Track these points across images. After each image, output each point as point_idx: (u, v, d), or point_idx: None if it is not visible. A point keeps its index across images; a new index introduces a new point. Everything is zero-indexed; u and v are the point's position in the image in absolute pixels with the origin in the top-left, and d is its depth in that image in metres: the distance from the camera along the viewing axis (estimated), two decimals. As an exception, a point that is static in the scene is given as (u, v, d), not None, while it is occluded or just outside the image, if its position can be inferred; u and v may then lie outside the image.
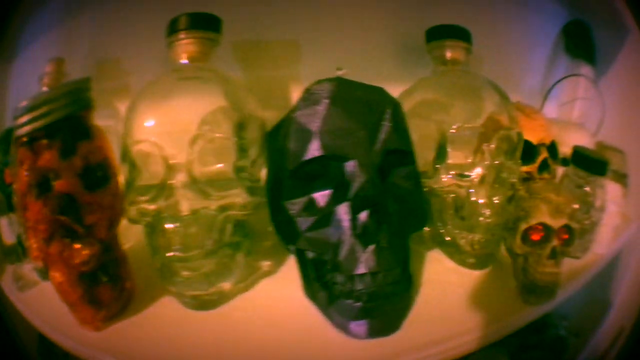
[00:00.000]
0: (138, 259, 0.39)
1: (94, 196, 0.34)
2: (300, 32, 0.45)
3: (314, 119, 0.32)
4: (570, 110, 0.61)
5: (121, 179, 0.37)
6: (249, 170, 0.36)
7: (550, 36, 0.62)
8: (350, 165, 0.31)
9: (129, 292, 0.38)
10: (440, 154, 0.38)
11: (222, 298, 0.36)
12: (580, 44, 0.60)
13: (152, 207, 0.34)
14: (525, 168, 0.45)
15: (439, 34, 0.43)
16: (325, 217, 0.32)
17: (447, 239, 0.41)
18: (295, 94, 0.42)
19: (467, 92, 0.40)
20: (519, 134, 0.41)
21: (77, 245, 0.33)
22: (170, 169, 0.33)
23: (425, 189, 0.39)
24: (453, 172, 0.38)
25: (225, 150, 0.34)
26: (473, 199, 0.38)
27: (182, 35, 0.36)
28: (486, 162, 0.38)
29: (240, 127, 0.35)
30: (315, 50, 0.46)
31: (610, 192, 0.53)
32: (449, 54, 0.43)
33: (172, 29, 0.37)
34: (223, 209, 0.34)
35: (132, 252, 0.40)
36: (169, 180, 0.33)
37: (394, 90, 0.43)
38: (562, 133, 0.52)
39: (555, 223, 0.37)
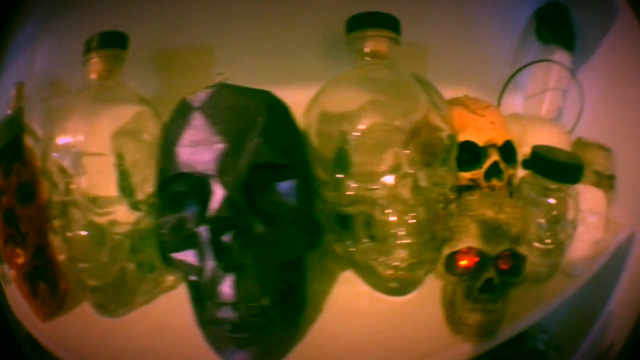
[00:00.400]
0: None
1: (26, 209, 0.34)
2: (214, 35, 0.35)
3: (179, 131, 0.24)
4: (539, 103, 0.42)
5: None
6: (137, 187, 0.30)
7: (519, 21, 0.44)
8: (211, 183, 0.23)
9: (63, 293, 0.36)
10: (341, 161, 0.26)
11: (123, 308, 0.31)
12: (555, 28, 0.42)
13: (57, 222, 0.31)
14: (467, 175, 0.31)
15: (359, 23, 0.30)
16: (190, 238, 0.24)
17: (359, 259, 0.28)
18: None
19: (386, 89, 0.27)
20: (451, 136, 0.28)
21: (17, 250, 0.33)
22: (66, 186, 0.30)
23: (327, 203, 0.27)
24: (358, 183, 0.26)
25: (110, 170, 0.29)
26: (385, 214, 0.25)
27: (92, 54, 0.32)
28: (400, 171, 0.25)
29: (126, 147, 0.30)
30: (230, 54, 0.35)
31: (589, 200, 0.36)
32: (369, 46, 0.29)
33: (85, 48, 0.33)
34: (111, 224, 0.30)
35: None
36: (66, 197, 0.30)
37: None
38: (527, 130, 0.37)
39: (492, 248, 0.24)
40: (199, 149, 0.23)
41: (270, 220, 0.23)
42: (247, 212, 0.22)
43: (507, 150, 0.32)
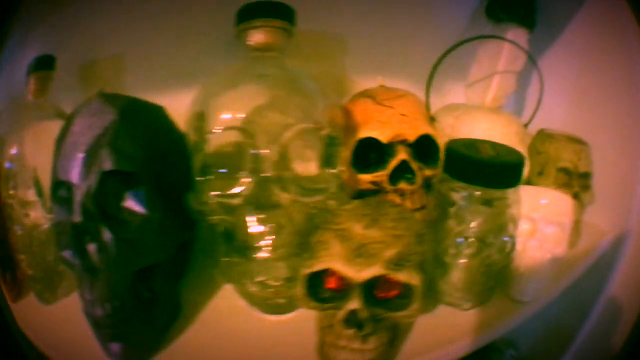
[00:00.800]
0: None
1: (-10, 208, 0.36)
2: (125, 46, 0.31)
3: (61, 141, 0.22)
4: (484, 91, 0.30)
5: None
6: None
7: (466, 4, 0.32)
8: (74, 190, 0.20)
9: (20, 280, 0.36)
10: (200, 163, 0.20)
11: (52, 296, 0.31)
12: (511, 4, 0.29)
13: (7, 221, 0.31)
14: (369, 177, 0.22)
15: (246, 14, 0.23)
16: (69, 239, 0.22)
17: (231, 274, 0.22)
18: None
19: (258, 83, 0.20)
20: (331, 136, 0.19)
21: (-12, 241, 0.35)
22: (7, 191, 0.31)
23: (195, 212, 0.21)
24: (218, 189, 0.19)
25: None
26: (245, 224, 0.19)
27: (29, 76, 0.32)
28: (257, 175, 0.18)
29: (43, 158, 0.27)
30: (140, 62, 0.30)
31: (545, 207, 0.25)
32: (253, 37, 0.23)
33: (27, 72, 0.32)
34: (34, 225, 0.30)
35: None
36: (8, 200, 0.30)
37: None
38: (462, 122, 0.26)
39: (357, 272, 0.16)
40: (69, 159, 0.21)
41: (121, 227, 0.20)
42: (98, 219, 0.20)
43: (424, 146, 0.23)
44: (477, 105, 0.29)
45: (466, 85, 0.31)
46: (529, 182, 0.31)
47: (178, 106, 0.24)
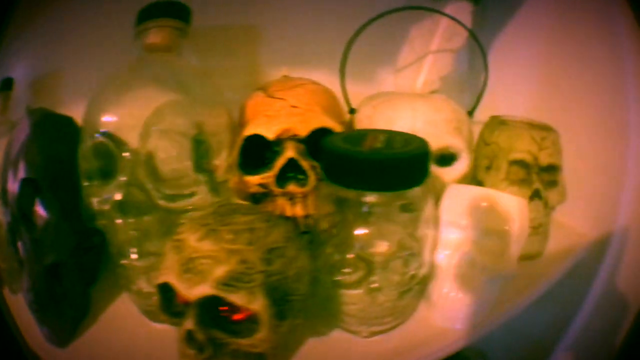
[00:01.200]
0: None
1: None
2: (64, 60, 0.31)
3: (5, 152, 0.24)
4: (414, 75, 0.24)
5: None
6: None
7: None
8: None
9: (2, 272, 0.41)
10: (84, 169, 0.19)
11: (16, 290, 0.30)
12: None
13: None
14: (257, 179, 0.19)
15: (141, 16, 0.22)
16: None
17: (120, 281, 0.20)
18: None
19: (137, 85, 0.19)
20: (198, 139, 0.17)
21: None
22: None
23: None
24: (98, 195, 0.18)
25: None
26: (118, 232, 0.17)
27: None
28: (118, 178, 0.17)
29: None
30: (77, 78, 0.29)
31: (483, 213, 0.19)
32: (147, 39, 0.21)
33: None
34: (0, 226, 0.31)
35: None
36: None
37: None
38: (380, 113, 0.21)
39: (187, 289, 0.13)
40: (5, 168, 0.23)
41: (32, 228, 0.21)
42: (19, 220, 0.21)
43: (318, 141, 0.18)
44: (399, 92, 0.23)
45: (395, 70, 0.25)
46: (477, 180, 0.25)
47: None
